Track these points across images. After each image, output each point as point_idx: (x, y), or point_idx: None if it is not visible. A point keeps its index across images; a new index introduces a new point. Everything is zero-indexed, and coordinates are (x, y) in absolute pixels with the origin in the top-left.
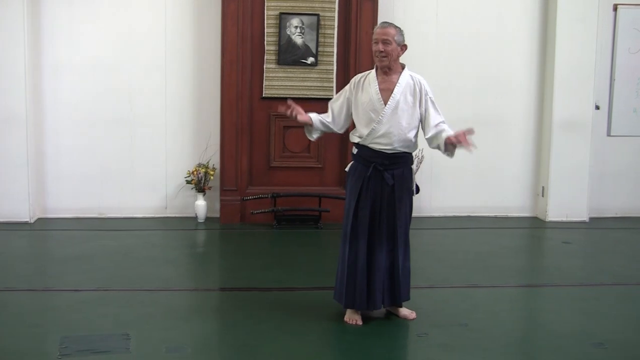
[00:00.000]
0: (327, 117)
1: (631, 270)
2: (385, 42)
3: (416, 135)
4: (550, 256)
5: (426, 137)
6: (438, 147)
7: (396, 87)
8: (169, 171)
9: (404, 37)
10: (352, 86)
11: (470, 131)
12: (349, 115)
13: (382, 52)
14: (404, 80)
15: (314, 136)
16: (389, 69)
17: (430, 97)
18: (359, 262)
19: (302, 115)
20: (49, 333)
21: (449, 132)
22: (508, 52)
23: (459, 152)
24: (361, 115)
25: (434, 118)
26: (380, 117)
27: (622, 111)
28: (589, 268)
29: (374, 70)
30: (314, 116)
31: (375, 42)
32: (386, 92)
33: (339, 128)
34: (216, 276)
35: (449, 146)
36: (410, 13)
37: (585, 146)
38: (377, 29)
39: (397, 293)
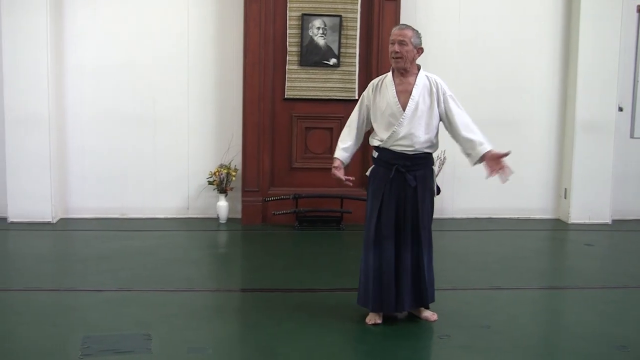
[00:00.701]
0: (348, 141)
1: None
2: (402, 43)
3: (437, 135)
4: (573, 258)
5: (457, 138)
6: (466, 154)
7: (414, 89)
8: (190, 172)
9: (421, 39)
10: (369, 92)
11: (507, 154)
12: (369, 122)
13: (397, 52)
14: (421, 81)
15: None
16: (405, 71)
17: (450, 95)
18: (386, 266)
19: (341, 171)
20: (71, 332)
21: (486, 147)
22: (531, 53)
23: None
24: (380, 120)
25: (459, 116)
26: (400, 121)
27: None
28: (611, 270)
29: (390, 74)
30: (344, 157)
31: (391, 43)
32: (404, 94)
33: (361, 142)
34: (238, 277)
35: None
36: (432, 14)
37: (608, 148)
38: (394, 30)
39: (424, 295)
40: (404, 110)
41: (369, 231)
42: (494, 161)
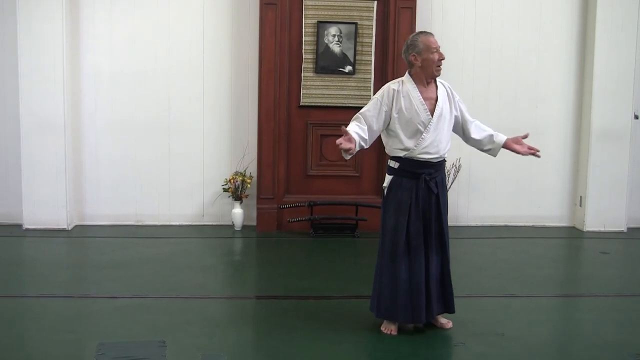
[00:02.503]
0: (363, 134)
1: None
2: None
3: None
4: (588, 266)
5: (475, 137)
6: (486, 150)
7: (439, 95)
8: (206, 179)
9: None
10: (387, 99)
11: (526, 136)
12: (382, 129)
13: (443, 59)
14: (441, 87)
15: (348, 157)
16: (432, 79)
17: (459, 99)
18: (416, 276)
19: (350, 144)
20: (86, 339)
21: (502, 136)
22: (546, 61)
23: (496, 160)
24: (405, 128)
25: (471, 118)
26: (428, 128)
27: None
28: (626, 278)
29: (407, 81)
30: (356, 139)
31: (435, 51)
32: (429, 101)
33: (370, 143)
34: (252, 284)
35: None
36: (448, 22)
37: (624, 156)
38: (431, 38)
39: (450, 300)
40: (432, 116)
41: (395, 243)
42: (518, 145)
